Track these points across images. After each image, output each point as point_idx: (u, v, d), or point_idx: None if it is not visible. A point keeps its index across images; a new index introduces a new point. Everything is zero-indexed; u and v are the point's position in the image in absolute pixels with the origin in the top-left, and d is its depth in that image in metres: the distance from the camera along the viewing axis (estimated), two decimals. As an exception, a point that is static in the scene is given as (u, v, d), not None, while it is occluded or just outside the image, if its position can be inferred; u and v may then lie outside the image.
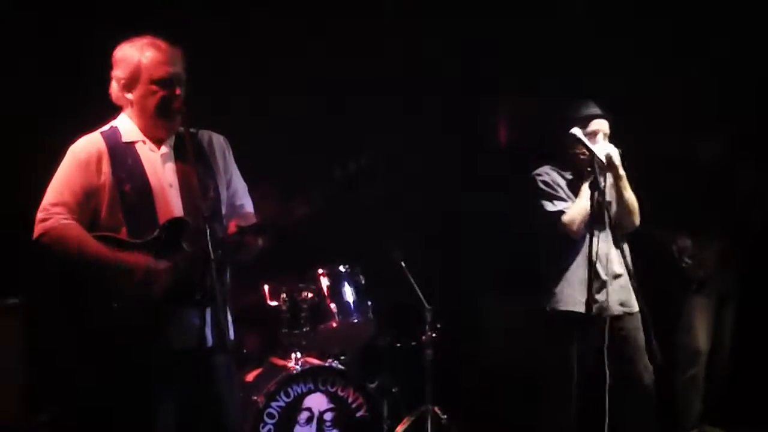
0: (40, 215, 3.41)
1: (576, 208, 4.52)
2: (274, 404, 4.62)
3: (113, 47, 3.50)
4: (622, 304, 4.58)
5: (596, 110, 4.62)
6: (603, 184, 4.34)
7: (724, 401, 5.48)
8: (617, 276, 4.58)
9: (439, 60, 6.03)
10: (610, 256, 4.56)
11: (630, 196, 4.58)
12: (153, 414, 3.39)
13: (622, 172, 4.51)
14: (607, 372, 4.32)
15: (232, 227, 3.46)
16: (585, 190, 4.48)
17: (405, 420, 5.21)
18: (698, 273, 5.34)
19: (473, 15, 5.96)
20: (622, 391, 4.46)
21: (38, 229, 3.40)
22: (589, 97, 4.69)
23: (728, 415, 5.47)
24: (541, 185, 4.64)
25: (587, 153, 4.39)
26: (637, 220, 4.64)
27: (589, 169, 4.42)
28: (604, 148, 4.47)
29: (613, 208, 4.58)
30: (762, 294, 5.60)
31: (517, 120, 6.56)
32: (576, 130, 4.38)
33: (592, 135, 4.55)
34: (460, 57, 6.06)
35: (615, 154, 4.47)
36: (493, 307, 6.29)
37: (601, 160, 4.34)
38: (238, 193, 3.67)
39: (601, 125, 4.59)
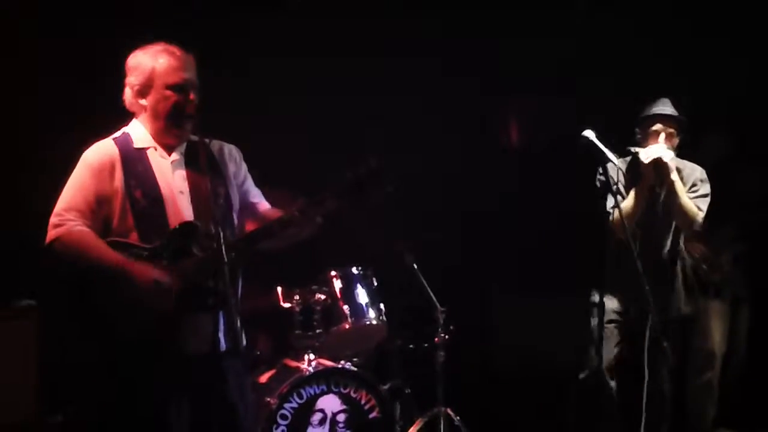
0: (53, 220, 3.43)
1: (624, 205, 4.50)
2: (287, 405, 4.64)
3: (126, 53, 3.53)
4: (663, 309, 4.57)
5: (659, 110, 4.63)
6: (617, 186, 4.38)
7: (739, 405, 5.47)
8: (662, 279, 4.59)
9: (442, 60, 6.03)
10: (658, 259, 4.55)
11: (682, 201, 4.57)
12: (166, 419, 3.40)
13: (674, 177, 4.52)
14: (646, 372, 4.35)
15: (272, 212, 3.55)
16: (633, 192, 4.53)
17: (417, 421, 5.20)
18: (714, 278, 5.33)
19: (473, 15, 5.97)
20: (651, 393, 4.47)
21: (51, 234, 3.42)
22: (659, 97, 4.71)
23: (742, 419, 5.46)
24: (598, 183, 4.62)
25: (631, 151, 4.51)
26: (694, 225, 4.63)
27: (600, 171, 4.43)
28: (656, 151, 4.49)
29: (658, 212, 4.62)
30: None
31: (527, 119, 6.56)
32: (588, 133, 4.35)
33: (654, 135, 4.58)
34: (460, 57, 6.06)
35: (667, 157, 4.48)
36: (505, 308, 6.29)
37: (613, 162, 4.33)
38: (252, 193, 3.69)
39: (660, 126, 4.61)
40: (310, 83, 5.77)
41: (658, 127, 4.62)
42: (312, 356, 4.86)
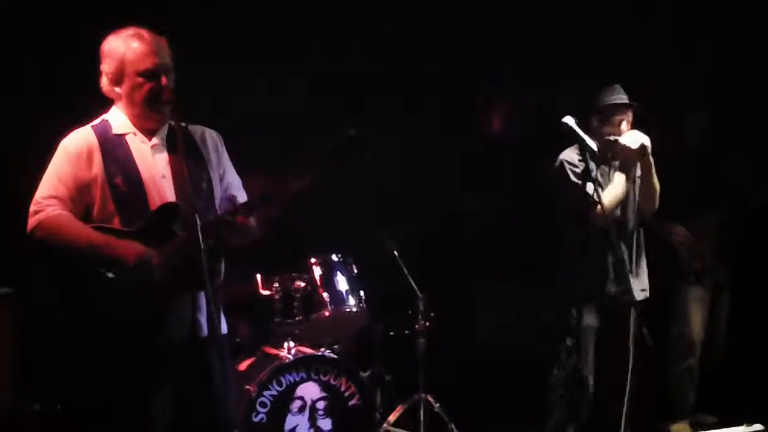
0: (32, 208, 3.41)
1: (612, 194, 4.53)
2: (266, 393, 4.63)
3: (104, 37, 3.48)
4: (642, 290, 4.67)
5: (618, 98, 4.62)
6: (595, 173, 4.39)
7: (718, 390, 5.50)
8: (636, 263, 4.65)
9: (439, 60, 6.03)
10: (630, 243, 4.60)
11: (656, 182, 4.63)
12: (148, 404, 3.38)
13: (651, 159, 4.56)
14: (631, 358, 4.38)
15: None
16: (619, 177, 4.55)
17: (398, 408, 5.23)
18: (695, 266, 5.35)
19: (473, 15, 5.97)
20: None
21: (31, 222, 3.39)
22: (614, 84, 4.69)
23: (722, 404, 5.50)
24: (573, 176, 4.61)
25: (611, 141, 4.51)
26: (656, 207, 4.69)
27: (579, 158, 4.44)
28: (636, 139, 4.50)
29: (634, 199, 4.64)
30: (756, 285, 5.62)
31: (516, 110, 6.58)
32: (568, 119, 4.35)
33: (616, 126, 4.59)
34: (459, 57, 6.06)
35: (647, 142, 4.51)
36: (486, 295, 6.30)
37: (593, 150, 4.33)
38: (233, 186, 3.66)
39: (625, 115, 4.62)
40: (308, 83, 5.77)
41: (619, 116, 4.63)
42: (292, 344, 4.85)
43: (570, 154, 4.66)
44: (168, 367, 3.40)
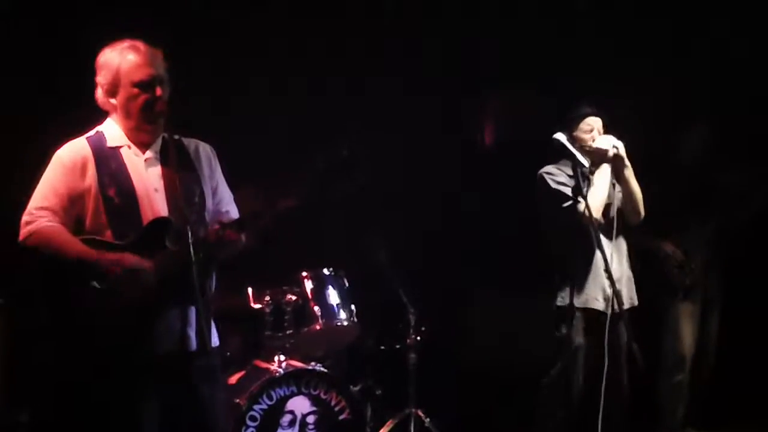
0: (25, 218, 3.42)
1: (594, 196, 4.54)
2: (256, 407, 4.62)
3: (100, 50, 3.49)
4: (629, 299, 4.68)
5: (588, 109, 4.68)
6: (585, 189, 4.43)
7: (708, 405, 5.50)
8: (623, 272, 4.67)
9: (439, 60, 6.05)
10: (615, 253, 4.61)
11: (635, 186, 4.65)
12: (137, 416, 3.38)
13: (627, 163, 4.60)
14: (606, 366, 4.41)
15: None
16: (598, 178, 4.57)
17: (388, 423, 5.21)
18: (684, 281, 5.35)
19: (473, 15, 5.99)
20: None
21: (23, 232, 3.41)
22: (583, 97, 4.75)
23: (711, 419, 5.49)
24: (554, 184, 4.64)
25: (590, 147, 4.56)
26: (642, 213, 4.71)
27: (570, 174, 4.47)
28: (608, 141, 4.56)
29: (615, 205, 4.65)
30: (746, 298, 5.63)
31: (511, 116, 6.58)
32: (559, 135, 4.39)
33: (587, 133, 4.63)
34: (460, 57, 6.07)
35: (620, 145, 4.56)
36: (477, 309, 6.29)
37: (584, 165, 4.37)
38: (224, 201, 3.66)
39: (594, 123, 4.66)
40: (308, 83, 5.78)
41: (590, 125, 4.67)
42: (282, 357, 4.84)
43: (550, 169, 4.71)
44: (156, 380, 3.40)
